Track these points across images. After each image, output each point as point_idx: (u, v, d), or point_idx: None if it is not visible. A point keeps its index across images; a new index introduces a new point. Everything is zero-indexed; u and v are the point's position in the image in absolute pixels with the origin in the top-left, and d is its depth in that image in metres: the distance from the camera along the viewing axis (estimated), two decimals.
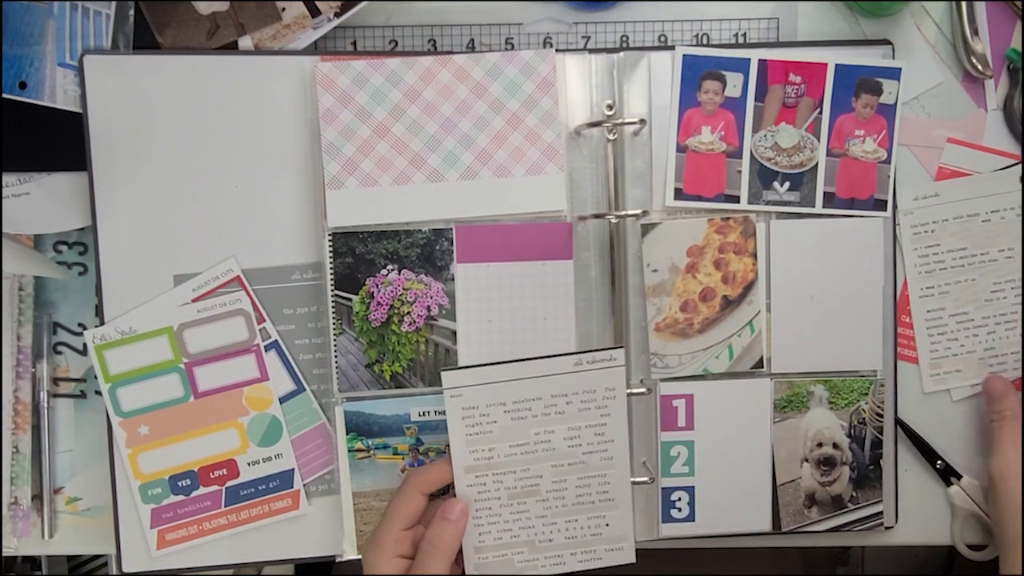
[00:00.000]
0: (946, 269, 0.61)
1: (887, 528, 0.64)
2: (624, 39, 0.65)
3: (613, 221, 0.61)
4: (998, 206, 0.62)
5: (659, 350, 0.62)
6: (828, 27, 0.64)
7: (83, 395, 0.65)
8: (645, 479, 0.61)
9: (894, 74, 0.62)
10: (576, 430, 0.55)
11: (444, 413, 0.62)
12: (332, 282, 0.61)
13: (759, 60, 0.62)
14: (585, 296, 0.62)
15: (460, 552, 0.56)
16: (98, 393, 0.63)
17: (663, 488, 0.63)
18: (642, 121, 0.61)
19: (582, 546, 0.57)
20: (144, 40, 0.61)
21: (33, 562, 0.76)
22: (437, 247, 0.61)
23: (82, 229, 0.63)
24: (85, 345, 0.63)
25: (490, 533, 0.56)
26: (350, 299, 0.61)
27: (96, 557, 0.81)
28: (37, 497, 0.64)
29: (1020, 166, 0.63)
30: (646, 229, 0.62)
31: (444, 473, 0.56)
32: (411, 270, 0.61)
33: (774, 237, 0.62)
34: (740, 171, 0.62)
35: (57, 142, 0.61)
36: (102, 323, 0.61)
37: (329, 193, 0.60)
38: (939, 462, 0.65)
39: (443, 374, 0.55)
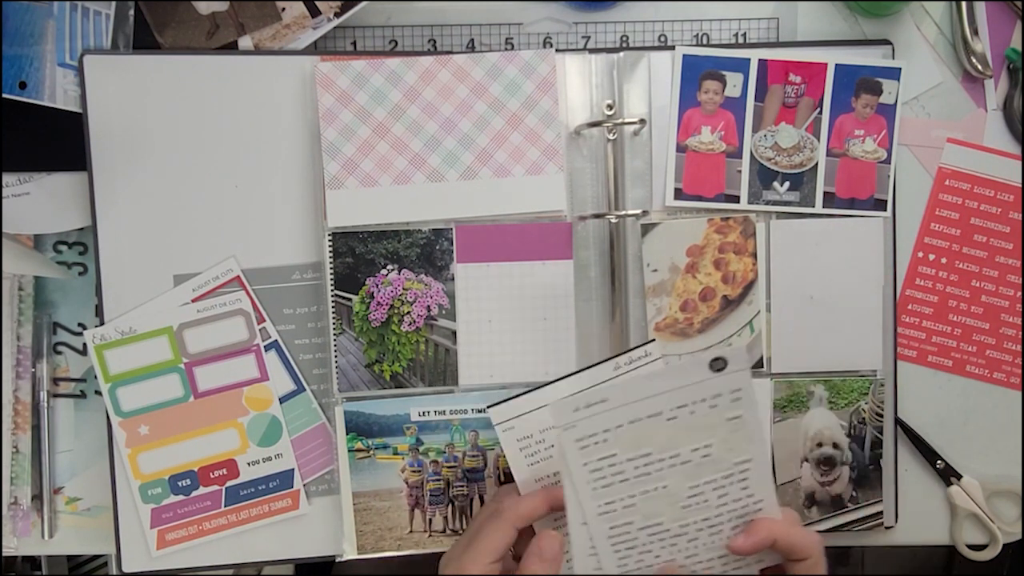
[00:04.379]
0: (628, 480, 0.50)
1: (887, 528, 0.64)
2: (624, 39, 0.65)
3: (613, 221, 0.61)
4: (685, 400, 0.49)
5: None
6: (828, 27, 0.64)
7: (83, 395, 0.65)
8: None
9: (894, 74, 0.62)
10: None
11: (443, 413, 0.62)
12: (332, 282, 0.61)
13: (759, 60, 0.62)
14: (585, 296, 0.62)
15: None
16: (98, 393, 0.63)
17: None
18: (642, 121, 0.61)
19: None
20: (144, 40, 0.61)
21: (33, 562, 0.76)
22: (437, 247, 0.61)
23: (82, 229, 0.63)
24: (85, 345, 0.63)
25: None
26: (350, 299, 0.61)
27: (96, 557, 0.81)
28: (37, 497, 0.64)
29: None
30: (646, 229, 0.62)
31: (539, 508, 0.52)
32: (411, 270, 0.61)
33: (774, 237, 0.63)
34: (740, 171, 0.62)
35: (57, 142, 0.61)
36: (102, 323, 0.61)
37: (329, 193, 0.60)
38: (939, 462, 0.65)
39: (490, 411, 0.51)
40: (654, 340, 0.53)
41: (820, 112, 0.62)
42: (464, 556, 0.51)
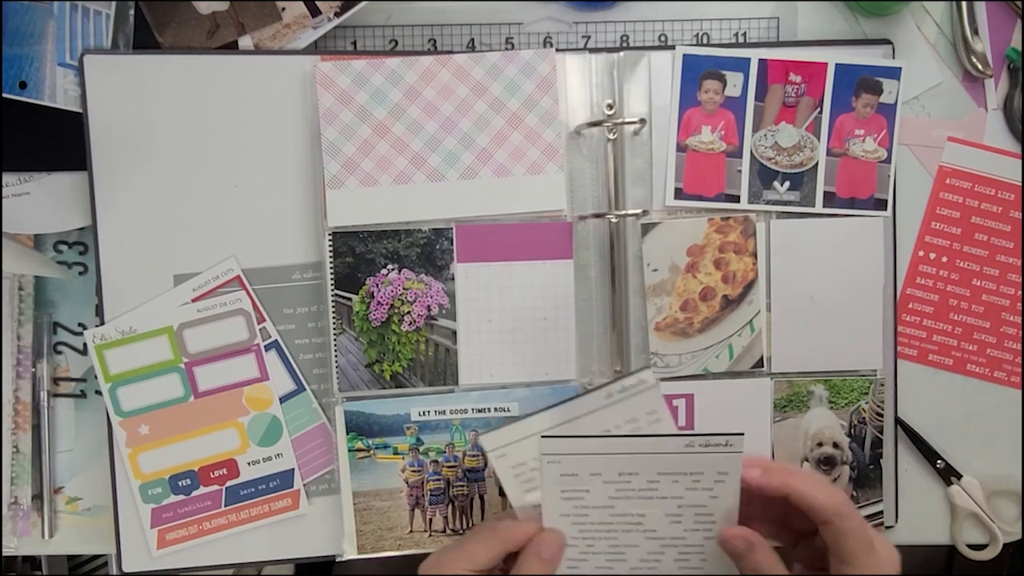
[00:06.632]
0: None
1: (887, 528, 0.64)
2: (624, 39, 0.65)
3: (613, 221, 0.61)
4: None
5: (659, 350, 0.62)
6: (828, 27, 0.64)
7: (83, 395, 0.65)
8: None
9: (894, 73, 0.62)
10: (680, 509, 0.51)
11: (443, 412, 0.62)
12: (332, 282, 0.61)
13: (759, 60, 0.62)
14: (585, 296, 0.62)
15: None
16: (98, 393, 0.63)
17: None
18: (642, 121, 0.61)
19: None
20: (144, 40, 0.61)
21: (33, 562, 0.76)
22: (437, 247, 0.61)
23: (82, 229, 0.63)
24: (85, 345, 0.63)
25: None
26: (350, 299, 0.61)
27: (96, 557, 0.81)
28: (37, 497, 0.64)
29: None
30: (646, 229, 0.62)
31: (533, 534, 0.51)
32: (411, 270, 0.61)
33: (774, 237, 0.62)
34: (740, 171, 0.62)
35: (57, 142, 0.61)
36: (102, 323, 0.61)
37: (329, 193, 0.60)
38: (939, 462, 0.65)
39: (541, 441, 0.51)
40: (648, 368, 0.52)
41: (820, 112, 0.62)
42: (442, 557, 0.52)
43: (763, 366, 0.63)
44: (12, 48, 0.59)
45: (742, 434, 0.50)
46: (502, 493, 0.62)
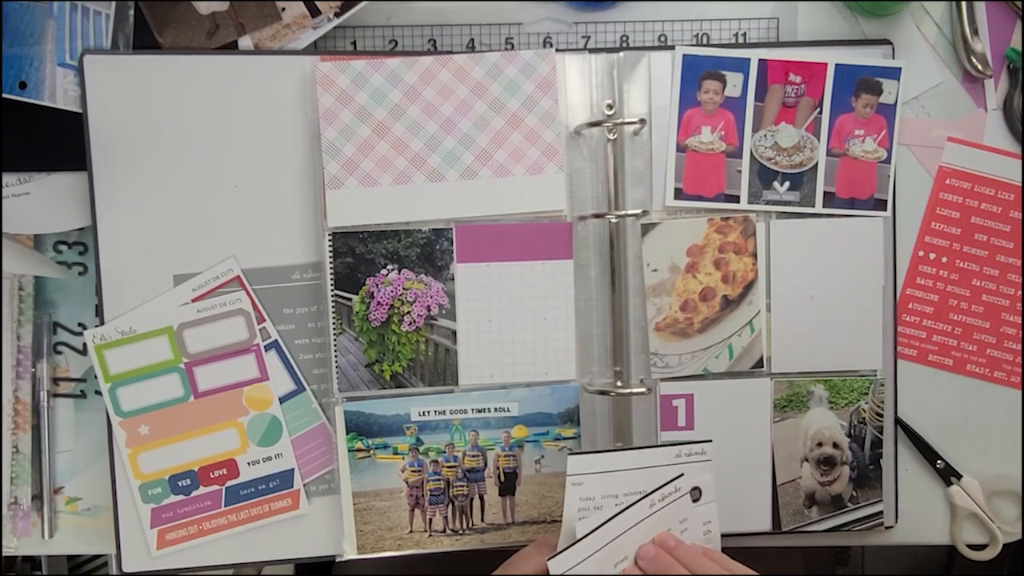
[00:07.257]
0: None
1: (887, 528, 0.64)
2: (624, 39, 0.65)
3: (613, 221, 0.61)
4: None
5: (659, 350, 0.62)
6: (828, 27, 0.64)
7: (83, 395, 0.65)
8: None
9: (894, 74, 0.62)
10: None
11: (443, 413, 0.62)
12: (332, 282, 0.61)
13: (759, 60, 0.62)
14: (585, 296, 0.62)
15: None
16: (98, 393, 0.63)
17: None
18: (642, 121, 0.61)
19: None
20: (144, 40, 0.61)
21: (33, 562, 0.76)
22: (437, 247, 0.61)
23: (82, 229, 0.63)
24: (85, 345, 0.63)
25: None
26: (350, 299, 0.61)
27: (96, 557, 0.81)
28: (37, 497, 0.64)
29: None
30: (646, 229, 0.62)
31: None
32: (411, 270, 0.61)
33: (774, 237, 0.62)
34: (740, 171, 0.62)
35: (57, 142, 0.61)
36: (102, 323, 0.61)
37: (329, 193, 0.60)
38: (939, 462, 0.65)
39: (569, 459, 0.52)
40: (682, 475, 0.54)
41: (820, 112, 0.62)
42: None
43: (763, 366, 0.63)
44: (12, 48, 0.59)
45: (710, 440, 0.56)
46: (502, 493, 0.63)
